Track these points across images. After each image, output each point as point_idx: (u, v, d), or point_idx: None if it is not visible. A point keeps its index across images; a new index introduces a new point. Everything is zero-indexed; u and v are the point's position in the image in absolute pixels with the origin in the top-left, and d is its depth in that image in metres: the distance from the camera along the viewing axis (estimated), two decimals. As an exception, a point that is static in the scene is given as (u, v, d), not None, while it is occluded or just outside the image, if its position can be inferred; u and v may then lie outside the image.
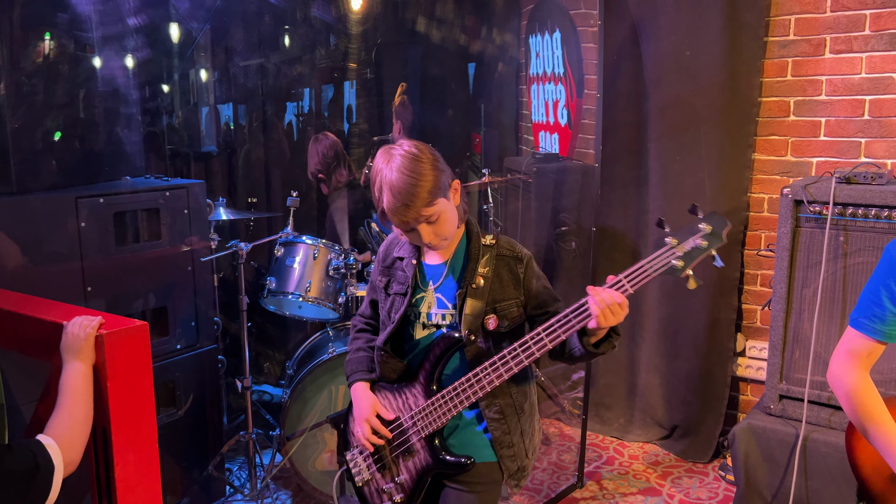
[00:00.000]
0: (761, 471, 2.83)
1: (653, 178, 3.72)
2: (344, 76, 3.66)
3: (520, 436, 1.86)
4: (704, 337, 3.62)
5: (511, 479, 1.86)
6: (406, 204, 1.68)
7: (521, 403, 1.85)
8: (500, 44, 3.84)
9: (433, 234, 1.75)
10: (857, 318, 1.61)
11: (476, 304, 1.78)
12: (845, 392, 1.62)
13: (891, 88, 3.13)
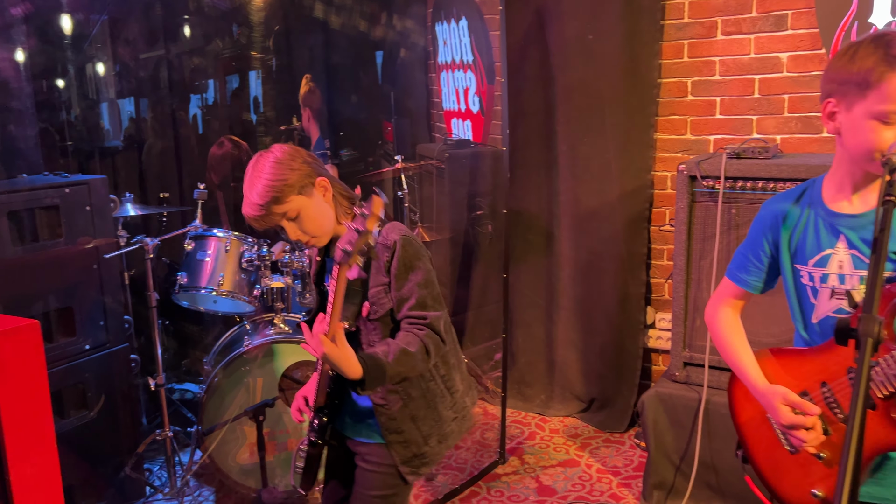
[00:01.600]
0: (669, 435, 2.97)
1: (562, 160, 3.82)
2: (248, 66, 3.61)
3: (410, 422, 1.86)
4: (616, 312, 3.76)
5: (405, 465, 1.87)
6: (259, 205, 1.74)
7: (405, 390, 1.86)
8: (407, 32, 3.86)
9: (298, 231, 1.79)
10: (730, 268, 1.75)
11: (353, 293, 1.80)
12: (713, 328, 1.77)
13: (777, 67, 3.31)
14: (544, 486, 3.21)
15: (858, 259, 1.50)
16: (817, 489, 1.54)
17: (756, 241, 1.67)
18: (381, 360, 1.71)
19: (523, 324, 4.09)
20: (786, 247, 1.61)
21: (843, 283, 1.52)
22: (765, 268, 1.67)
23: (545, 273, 3.98)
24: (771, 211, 1.65)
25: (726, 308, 1.76)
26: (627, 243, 3.71)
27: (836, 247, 1.53)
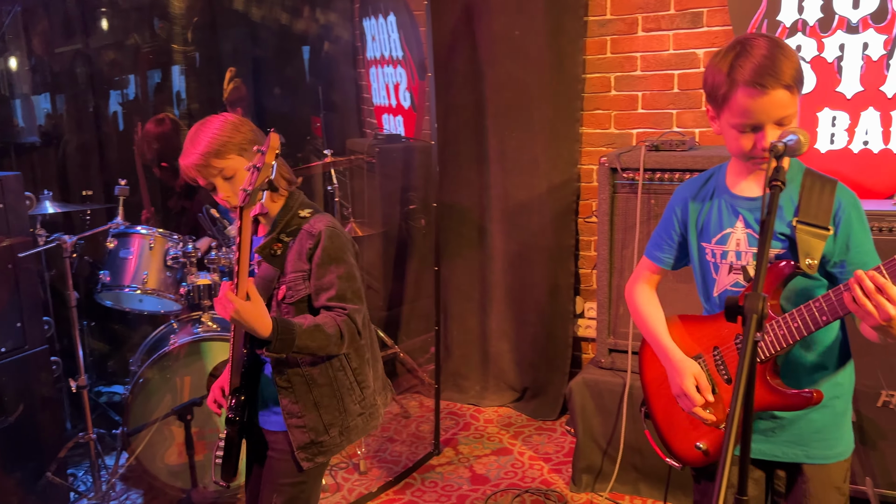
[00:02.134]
0: (596, 420, 3.06)
1: (492, 154, 3.88)
2: (170, 60, 3.53)
3: (313, 407, 1.87)
4: (547, 302, 3.84)
5: (301, 450, 1.86)
6: (199, 155, 1.77)
7: (311, 375, 1.86)
8: (334, 27, 3.85)
9: (231, 190, 1.81)
10: (647, 247, 1.88)
11: (269, 269, 1.83)
12: (631, 301, 1.90)
13: (695, 63, 3.43)
14: (478, 474, 3.26)
15: (753, 237, 1.64)
16: (701, 443, 1.71)
17: (668, 221, 1.81)
18: (294, 325, 1.73)
19: (458, 316, 4.13)
20: (693, 226, 1.75)
21: (740, 259, 1.66)
22: (676, 246, 1.81)
23: (478, 266, 4.04)
24: (681, 194, 1.80)
25: (643, 283, 1.90)
26: (556, 235, 3.80)
27: (735, 226, 1.66)
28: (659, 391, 1.82)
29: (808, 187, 1.59)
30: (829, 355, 1.65)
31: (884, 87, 3.02)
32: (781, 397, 1.57)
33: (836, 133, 3.13)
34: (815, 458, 1.64)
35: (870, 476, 2.72)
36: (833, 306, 1.46)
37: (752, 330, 1.16)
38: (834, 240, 1.57)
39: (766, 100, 1.49)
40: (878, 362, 2.65)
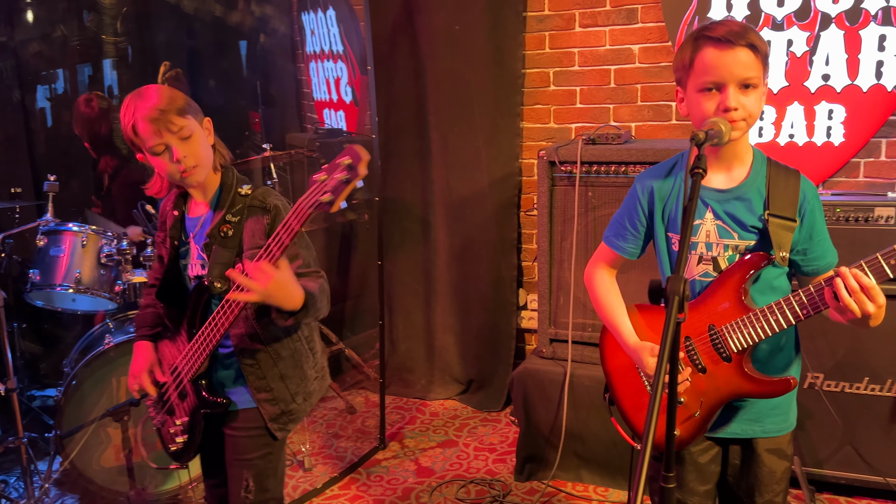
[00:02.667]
0: (539, 409, 3.10)
1: (435, 149, 3.89)
2: (101, 52, 3.42)
3: (279, 380, 1.93)
4: (491, 295, 3.88)
5: (273, 422, 1.93)
6: (161, 109, 1.75)
7: (275, 350, 1.92)
8: (272, 21, 3.80)
9: (186, 152, 1.79)
10: (607, 235, 1.87)
11: (223, 252, 1.83)
12: (591, 289, 1.89)
13: (630, 59, 3.51)
14: (423, 467, 3.27)
15: (723, 229, 1.66)
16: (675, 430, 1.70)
17: (632, 211, 1.79)
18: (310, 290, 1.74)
19: (403, 311, 4.14)
20: (660, 217, 1.74)
21: (710, 251, 1.68)
22: (640, 236, 1.81)
23: (422, 260, 4.05)
24: (645, 184, 1.78)
25: (603, 271, 1.89)
26: (499, 229, 3.84)
27: (705, 217, 1.67)
28: (625, 378, 1.83)
29: (775, 179, 1.63)
30: (790, 340, 1.72)
31: (807, 83, 3.15)
32: (761, 385, 1.62)
33: (764, 126, 3.25)
34: (769, 433, 1.72)
35: (797, 455, 2.84)
36: (814, 301, 1.51)
37: (674, 311, 1.20)
38: (800, 230, 1.62)
39: (730, 56, 1.52)
40: (804, 346, 2.76)
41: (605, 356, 1.88)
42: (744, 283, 1.61)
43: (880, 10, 2.97)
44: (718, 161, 1.65)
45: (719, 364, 1.65)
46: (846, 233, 2.67)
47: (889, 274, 1.43)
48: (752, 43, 1.52)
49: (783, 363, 1.71)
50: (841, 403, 2.77)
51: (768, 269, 1.62)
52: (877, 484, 2.76)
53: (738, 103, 1.53)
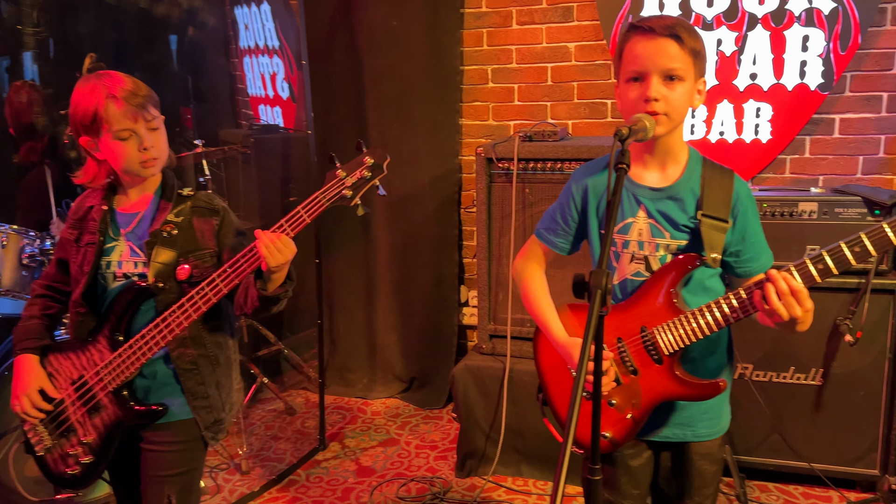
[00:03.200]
0: (479, 405, 3.11)
1: (374, 145, 3.82)
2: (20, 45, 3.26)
3: (215, 388, 1.88)
4: (432, 293, 3.87)
5: (208, 430, 1.87)
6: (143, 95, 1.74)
7: (216, 355, 1.87)
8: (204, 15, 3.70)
9: (154, 142, 1.77)
10: (539, 230, 1.84)
11: (167, 252, 1.78)
12: (521, 283, 1.86)
13: (566, 56, 3.55)
14: (364, 467, 3.24)
15: (656, 228, 1.64)
16: (607, 432, 1.69)
17: (565, 206, 1.77)
18: None
19: (343, 310, 4.10)
20: (594, 214, 1.72)
21: (642, 249, 1.65)
22: (572, 232, 1.78)
23: (363, 258, 4.01)
24: (579, 179, 1.75)
25: (532, 265, 1.85)
26: (439, 226, 3.83)
27: (637, 216, 1.65)
28: (558, 378, 1.80)
29: (709, 179, 1.61)
30: (723, 342, 1.71)
31: (736, 81, 3.24)
32: (691, 388, 1.60)
33: (696, 124, 3.33)
34: (700, 437, 1.70)
35: (728, 444, 2.92)
36: (744, 304, 1.51)
37: (596, 305, 1.21)
38: (732, 231, 1.60)
39: (654, 45, 1.51)
40: (734, 336, 2.84)
41: (538, 355, 1.84)
42: (675, 285, 1.59)
43: (804, 12, 3.07)
44: (653, 159, 1.64)
45: (650, 366, 1.63)
46: (772, 227, 2.75)
47: (817, 279, 1.43)
48: (678, 35, 1.51)
49: (714, 366, 1.69)
50: (769, 392, 2.86)
51: (700, 270, 1.60)
52: (803, 469, 2.86)
53: (660, 94, 1.51)
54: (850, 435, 2.80)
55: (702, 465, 1.72)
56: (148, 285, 1.76)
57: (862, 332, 2.66)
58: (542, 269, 1.86)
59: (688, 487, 1.74)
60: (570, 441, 1.07)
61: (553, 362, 1.80)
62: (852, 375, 2.76)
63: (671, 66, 1.52)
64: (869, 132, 3.16)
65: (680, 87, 1.54)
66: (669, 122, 1.55)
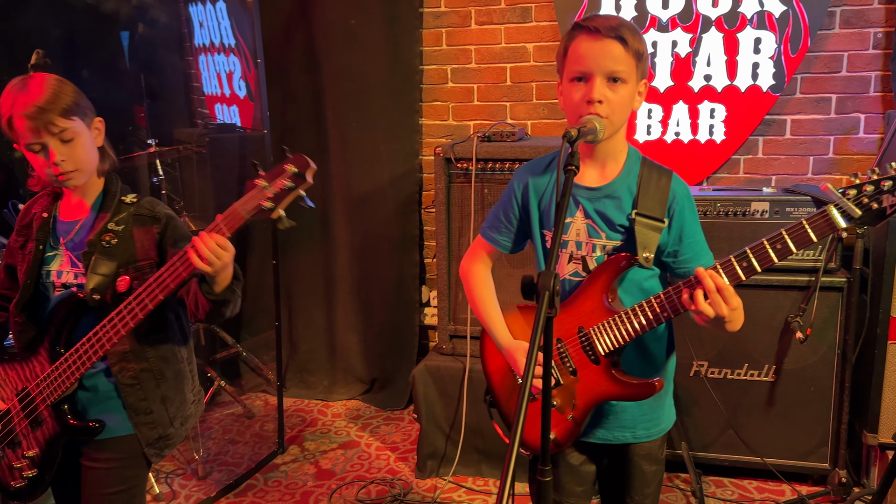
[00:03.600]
0: (439, 406, 3.11)
1: (333, 145, 3.83)
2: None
3: (160, 403, 1.82)
4: (393, 293, 3.86)
5: (150, 447, 1.82)
6: (41, 107, 1.62)
7: (160, 370, 1.81)
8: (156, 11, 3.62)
9: (65, 155, 1.67)
10: (483, 227, 1.83)
11: (106, 263, 1.72)
12: (467, 283, 1.84)
13: (525, 57, 3.56)
14: (323, 470, 3.21)
15: (593, 228, 1.63)
16: (551, 433, 1.68)
17: (507, 204, 1.75)
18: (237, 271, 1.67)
19: (303, 311, 4.06)
20: (535, 213, 1.70)
21: (580, 250, 1.64)
22: (514, 230, 1.76)
23: (322, 258, 3.98)
24: (522, 178, 1.74)
25: (478, 265, 1.83)
26: (400, 226, 3.81)
27: (576, 216, 1.64)
28: (504, 380, 1.79)
29: (646, 178, 1.60)
30: (662, 342, 1.70)
31: (691, 83, 3.28)
32: (626, 388, 1.60)
33: (652, 125, 3.37)
34: (640, 438, 1.71)
35: (685, 441, 2.96)
36: (674, 303, 1.50)
37: (544, 306, 1.21)
38: (668, 231, 1.59)
39: (599, 46, 1.50)
40: (689, 335, 2.88)
41: (485, 358, 1.83)
42: (610, 285, 1.59)
43: (755, 15, 3.13)
44: (593, 160, 1.63)
45: (588, 366, 1.62)
46: (725, 226, 2.80)
47: (742, 276, 1.44)
48: (623, 37, 1.50)
49: (653, 366, 1.70)
50: (724, 389, 2.91)
51: (637, 270, 1.60)
52: (756, 464, 2.92)
53: (603, 96, 1.51)
54: (802, 430, 2.86)
55: (642, 465, 1.73)
56: (85, 297, 1.70)
57: (812, 329, 2.72)
58: (489, 269, 1.84)
59: (628, 488, 1.75)
60: (516, 443, 1.07)
61: (499, 364, 1.79)
62: (803, 371, 2.83)
63: (615, 68, 1.51)
64: (819, 133, 3.23)
65: (623, 89, 1.53)
66: (611, 126, 1.55)
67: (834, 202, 1.40)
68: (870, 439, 2.79)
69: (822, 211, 1.40)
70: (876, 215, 1.38)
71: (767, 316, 2.82)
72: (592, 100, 1.51)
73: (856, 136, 3.19)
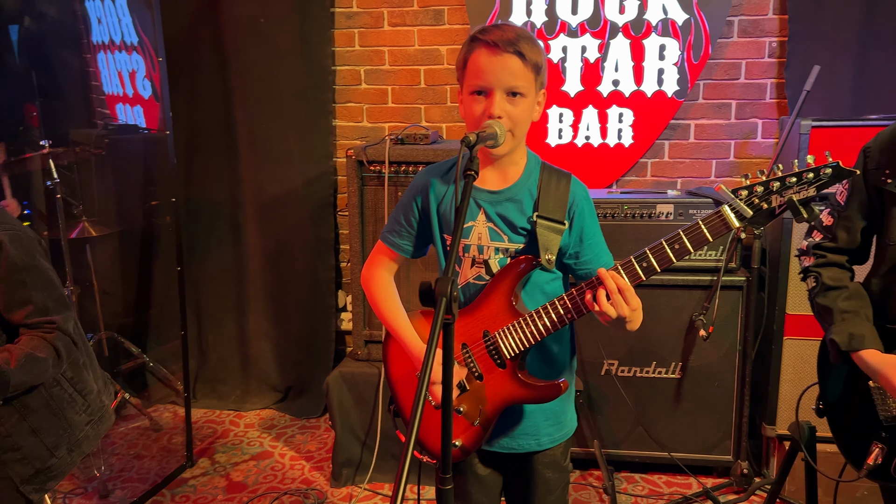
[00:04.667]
0: (354, 412, 3.05)
1: (243, 146, 3.72)
2: None
3: (31, 436, 1.70)
4: (308, 298, 3.78)
5: (27, 484, 1.69)
6: None
7: (22, 402, 1.69)
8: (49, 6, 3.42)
9: None
10: (384, 232, 1.79)
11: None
12: (368, 289, 1.80)
13: (439, 59, 3.55)
14: (234, 482, 3.11)
15: (495, 232, 1.63)
16: (457, 440, 1.67)
17: (407, 208, 1.73)
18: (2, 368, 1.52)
19: (213, 318, 3.92)
20: (435, 216, 1.69)
21: (482, 253, 1.64)
22: (415, 233, 1.73)
23: (233, 263, 3.85)
24: (422, 181, 1.72)
25: (380, 270, 1.79)
26: (315, 229, 3.74)
27: (477, 219, 1.64)
28: (410, 388, 1.76)
29: (546, 182, 1.61)
30: (564, 345, 1.71)
31: (600, 87, 3.35)
32: (533, 391, 1.60)
33: (564, 129, 3.42)
34: (544, 445, 1.72)
35: (597, 439, 3.01)
36: (577, 305, 1.51)
37: (441, 312, 1.19)
38: (569, 233, 1.61)
39: (498, 62, 1.50)
40: (599, 335, 2.94)
41: (389, 366, 1.79)
42: (513, 287, 1.59)
43: (660, 22, 3.22)
44: (493, 163, 1.63)
45: (494, 371, 1.62)
46: (633, 228, 2.87)
47: (642, 276, 1.47)
48: (521, 51, 1.50)
49: (557, 368, 1.71)
50: (633, 387, 2.98)
51: (539, 273, 1.61)
52: (665, 459, 3.00)
53: (504, 111, 1.51)
54: (707, 424, 2.96)
55: (545, 473, 1.74)
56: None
57: (714, 326, 2.82)
58: (391, 275, 1.81)
59: (533, 496, 1.75)
60: (410, 449, 1.05)
61: (404, 371, 1.76)
62: (707, 368, 2.92)
63: (514, 83, 1.52)
64: (720, 137, 3.36)
65: (522, 102, 1.54)
66: (513, 140, 1.56)
67: (727, 203, 1.45)
68: (768, 431, 2.91)
69: (717, 211, 1.45)
70: (766, 214, 1.44)
71: (673, 315, 2.90)
72: (493, 115, 1.51)
73: (754, 140, 3.33)
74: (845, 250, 1.77)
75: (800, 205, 1.41)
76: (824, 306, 1.74)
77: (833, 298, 1.73)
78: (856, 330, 1.67)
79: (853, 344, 1.66)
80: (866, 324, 1.68)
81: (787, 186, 1.41)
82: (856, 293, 1.73)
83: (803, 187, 1.41)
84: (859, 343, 1.66)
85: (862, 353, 1.66)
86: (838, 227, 1.76)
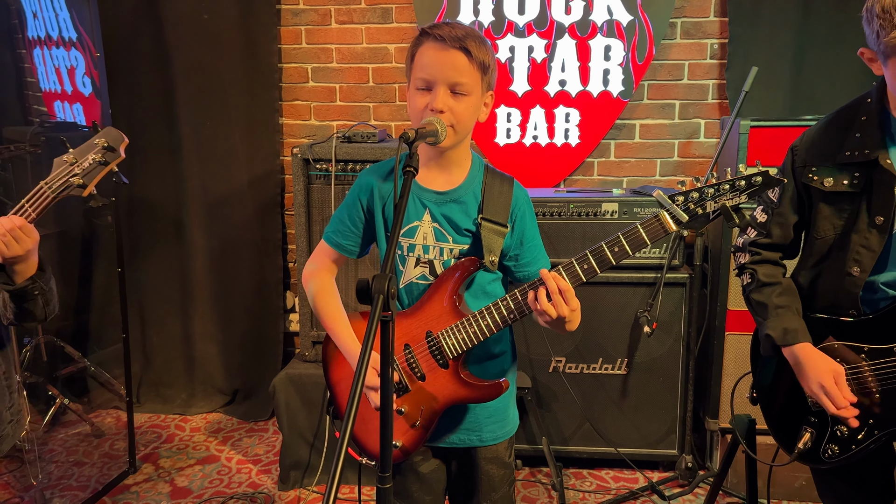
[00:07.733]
0: (302, 415, 3.01)
1: (186, 144, 3.63)
2: None
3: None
4: (255, 299, 3.71)
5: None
6: None
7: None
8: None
9: None
10: (327, 232, 1.76)
11: None
12: (310, 290, 1.77)
13: (387, 58, 3.53)
14: (179, 488, 3.03)
15: (440, 232, 1.63)
16: (398, 441, 1.66)
17: (352, 207, 1.71)
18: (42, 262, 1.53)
19: (156, 321, 3.82)
20: (379, 215, 1.67)
21: (427, 253, 1.64)
22: (360, 233, 1.72)
23: (177, 264, 3.77)
24: (367, 180, 1.70)
25: (322, 271, 1.77)
26: (262, 229, 3.68)
27: (423, 219, 1.64)
28: (348, 390, 1.68)
29: (490, 185, 1.63)
30: (505, 345, 1.73)
31: (547, 87, 3.37)
32: (475, 390, 1.61)
33: (512, 128, 3.43)
34: (486, 441, 1.72)
35: (546, 436, 3.03)
36: (519, 304, 1.53)
37: (378, 310, 1.17)
38: (511, 236, 1.64)
39: (444, 56, 1.50)
40: (547, 332, 2.96)
41: (329, 367, 1.77)
42: (457, 288, 1.60)
43: (605, 23, 3.26)
44: (438, 166, 1.64)
45: (437, 371, 1.62)
46: (579, 226, 2.89)
47: (583, 278, 1.49)
48: (468, 48, 1.50)
49: (499, 368, 1.72)
50: (580, 384, 3.01)
51: (482, 274, 1.63)
52: (611, 455, 3.04)
53: (446, 106, 1.51)
54: (653, 419, 3.01)
55: (489, 469, 1.74)
56: None
57: (658, 322, 2.87)
58: (333, 276, 1.79)
59: (475, 492, 1.75)
60: (343, 449, 1.03)
61: (343, 373, 1.74)
62: (652, 363, 2.97)
63: (458, 80, 1.52)
64: (665, 137, 3.42)
65: (466, 100, 1.54)
66: (455, 135, 1.56)
67: (665, 208, 1.48)
68: (711, 425, 2.98)
69: (655, 215, 1.49)
70: (702, 219, 1.49)
71: (619, 311, 2.94)
72: (435, 109, 1.51)
73: (697, 140, 3.40)
74: (779, 246, 1.82)
75: (732, 210, 1.46)
76: (759, 302, 1.79)
77: (768, 294, 1.77)
78: (790, 325, 1.72)
79: (787, 338, 1.71)
80: (798, 318, 1.74)
81: (721, 193, 1.47)
82: (788, 289, 1.78)
83: (735, 194, 1.46)
84: (793, 337, 1.71)
85: (794, 347, 1.71)
86: (772, 224, 1.81)
